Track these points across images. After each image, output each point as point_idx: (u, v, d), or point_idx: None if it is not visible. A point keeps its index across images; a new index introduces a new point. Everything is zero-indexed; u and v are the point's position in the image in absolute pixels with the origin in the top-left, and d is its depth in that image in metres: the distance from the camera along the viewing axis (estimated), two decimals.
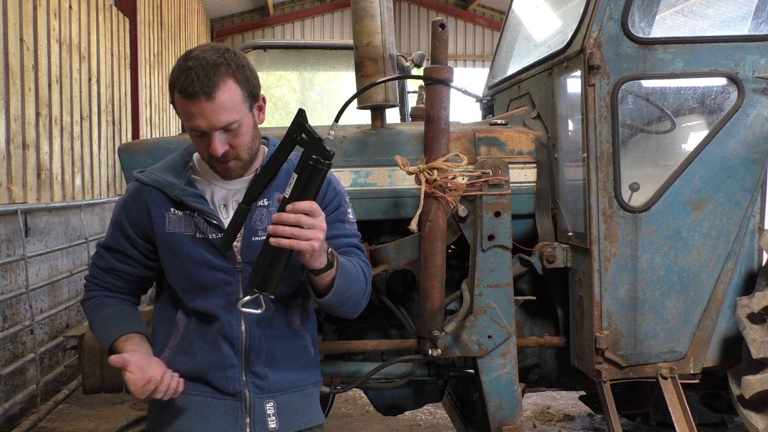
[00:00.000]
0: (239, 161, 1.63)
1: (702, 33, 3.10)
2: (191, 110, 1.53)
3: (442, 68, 2.28)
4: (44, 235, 5.01)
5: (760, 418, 2.40)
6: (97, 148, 6.69)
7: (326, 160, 1.45)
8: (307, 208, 1.43)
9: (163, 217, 1.66)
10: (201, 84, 1.50)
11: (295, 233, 1.42)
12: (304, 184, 1.44)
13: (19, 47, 4.80)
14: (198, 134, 1.57)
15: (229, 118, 1.54)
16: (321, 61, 5.31)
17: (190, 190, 1.67)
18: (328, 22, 16.89)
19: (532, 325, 2.77)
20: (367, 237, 2.66)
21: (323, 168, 1.45)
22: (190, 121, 1.55)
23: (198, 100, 1.51)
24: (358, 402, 4.57)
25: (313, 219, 1.43)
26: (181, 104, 1.55)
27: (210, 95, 1.51)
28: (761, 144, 2.46)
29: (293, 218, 1.42)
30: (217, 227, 1.64)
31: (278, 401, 1.71)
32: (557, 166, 2.63)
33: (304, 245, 1.43)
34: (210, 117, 1.53)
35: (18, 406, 4.35)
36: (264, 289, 1.48)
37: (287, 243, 1.42)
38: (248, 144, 1.62)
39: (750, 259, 2.55)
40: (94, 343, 2.44)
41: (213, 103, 1.52)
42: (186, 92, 1.51)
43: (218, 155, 1.56)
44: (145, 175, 1.71)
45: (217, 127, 1.54)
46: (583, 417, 4.29)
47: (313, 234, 1.43)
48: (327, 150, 1.45)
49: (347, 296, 1.65)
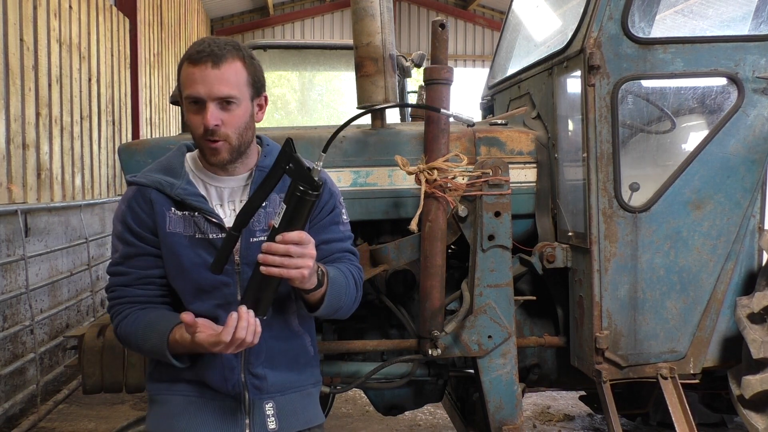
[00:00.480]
0: (227, 144, 1.61)
1: (702, 33, 3.10)
2: (194, 75, 1.56)
3: (442, 68, 2.29)
4: (44, 235, 5.01)
5: (760, 418, 2.40)
6: (97, 148, 6.69)
7: (314, 191, 1.47)
8: (296, 239, 1.46)
9: (164, 216, 1.66)
10: (211, 53, 1.55)
11: (285, 263, 1.45)
12: (291, 213, 1.47)
13: (19, 47, 4.80)
14: (194, 105, 1.58)
15: (229, 91, 1.57)
16: (321, 61, 5.32)
17: (191, 189, 1.67)
18: (328, 22, 16.89)
19: (532, 325, 2.77)
20: (367, 237, 2.67)
21: (310, 199, 1.47)
22: (190, 88, 1.56)
23: (204, 65, 1.55)
24: (358, 402, 4.57)
25: (302, 248, 1.46)
26: (186, 73, 1.57)
27: (217, 64, 1.55)
28: (761, 144, 2.46)
29: (282, 249, 1.45)
30: (218, 226, 1.64)
31: (277, 402, 1.71)
32: (557, 166, 2.63)
33: (294, 273, 1.46)
34: (211, 84, 1.55)
35: (18, 406, 4.36)
36: (256, 312, 1.51)
37: (277, 272, 1.46)
38: (240, 129, 1.62)
39: (750, 259, 2.56)
40: (94, 343, 2.44)
41: (217, 71, 1.55)
42: (193, 58, 1.56)
43: (210, 126, 1.56)
44: (141, 177, 1.70)
45: (215, 95, 1.56)
46: (583, 417, 4.29)
47: (303, 262, 1.46)
48: (315, 180, 1.47)
49: (338, 307, 1.69)
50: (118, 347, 2.43)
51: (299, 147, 2.47)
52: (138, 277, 1.69)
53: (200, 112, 1.57)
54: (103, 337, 2.45)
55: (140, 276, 1.69)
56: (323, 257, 1.72)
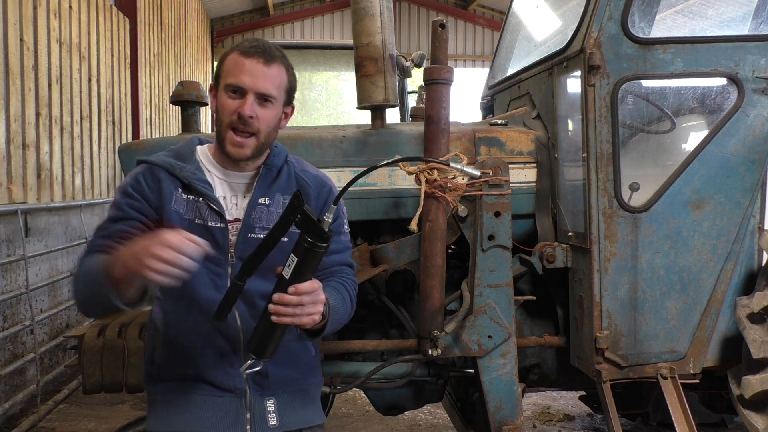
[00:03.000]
0: (255, 140, 1.65)
1: (702, 33, 3.10)
2: (244, 65, 1.61)
3: (442, 68, 2.29)
4: (44, 235, 5.01)
5: (760, 418, 2.40)
6: (97, 148, 6.69)
7: (323, 243, 1.46)
8: (308, 289, 1.46)
9: (171, 194, 1.67)
10: (264, 50, 1.64)
11: (297, 312, 1.45)
12: (300, 264, 1.47)
13: (19, 47, 4.80)
14: (234, 93, 1.62)
15: (271, 90, 1.64)
16: (321, 61, 5.33)
17: (199, 174, 1.69)
18: (328, 22, 16.88)
19: (532, 325, 2.77)
20: (367, 237, 2.67)
21: (319, 251, 1.47)
22: (236, 76, 1.61)
23: (256, 59, 1.62)
24: (358, 402, 4.57)
25: (314, 297, 1.47)
26: (234, 62, 1.63)
27: (268, 62, 1.63)
28: (761, 144, 2.46)
29: (295, 300, 1.45)
30: (219, 215, 1.65)
31: (279, 399, 1.72)
32: (557, 166, 2.63)
33: (306, 320, 1.48)
34: (258, 78, 1.61)
35: (18, 406, 4.36)
36: (262, 355, 1.53)
37: (289, 321, 1.46)
38: (270, 128, 1.67)
39: (750, 259, 2.56)
40: (94, 343, 2.44)
41: (267, 68, 1.63)
42: (247, 51, 1.63)
43: (245, 114, 1.60)
44: (153, 157, 1.72)
45: (258, 90, 1.62)
46: (583, 417, 4.28)
47: (314, 309, 1.48)
48: (324, 232, 1.46)
49: (335, 329, 1.71)
50: (118, 347, 2.43)
51: (299, 147, 2.49)
52: (116, 229, 1.61)
53: (238, 98, 1.62)
54: (103, 337, 2.46)
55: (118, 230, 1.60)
56: (322, 269, 1.73)
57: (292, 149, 1.91)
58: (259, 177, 1.72)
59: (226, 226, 1.66)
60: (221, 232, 1.66)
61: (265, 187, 1.72)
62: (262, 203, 1.69)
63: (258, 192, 1.70)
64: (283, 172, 1.75)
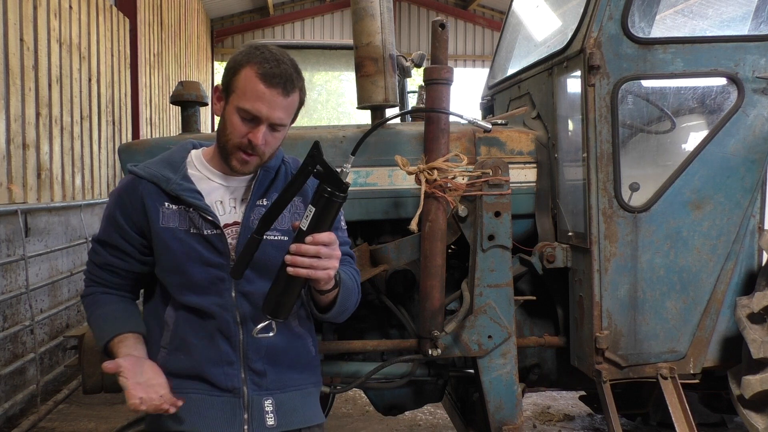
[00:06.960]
0: (260, 160, 1.66)
1: (702, 33, 3.10)
2: (263, 94, 1.57)
3: (442, 68, 2.28)
4: (44, 235, 5.01)
5: (760, 418, 2.40)
6: (97, 148, 6.69)
7: (341, 192, 1.47)
8: (326, 240, 1.47)
9: (157, 211, 1.67)
10: (286, 80, 1.58)
11: (314, 264, 1.46)
12: (319, 215, 1.47)
13: (19, 47, 4.80)
14: (248, 118, 1.60)
15: (285, 119, 1.63)
16: (321, 61, 5.32)
17: (186, 185, 1.67)
18: (328, 22, 16.89)
19: (532, 325, 2.77)
20: (367, 237, 2.67)
21: (338, 201, 1.48)
22: (253, 104, 1.58)
23: (276, 89, 1.57)
24: (358, 402, 4.57)
25: (331, 249, 1.48)
26: (252, 83, 1.57)
27: (287, 93, 1.59)
28: (761, 144, 2.46)
29: (313, 250, 1.46)
30: (212, 223, 1.65)
31: (277, 399, 1.71)
32: (557, 166, 2.63)
33: (322, 274, 1.48)
34: (275, 109, 1.59)
35: (18, 406, 4.36)
36: (277, 315, 1.52)
37: (305, 273, 1.47)
38: (275, 148, 1.69)
39: (750, 259, 2.55)
40: (94, 343, 2.43)
41: (285, 100, 1.59)
42: (270, 78, 1.56)
43: (258, 143, 1.60)
44: (140, 169, 1.72)
45: (273, 120, 1.60)
46: (583, 417, 4.29)
47: (330, 263, 1.49)
48: (342, 182, 1.48)
49: (345, 308, 1.72)
50: None
51: (299, 147, 2.49)
52: (106, 263, 1.76)
53: (251, 124, 1.60)
54: None
55: (108, 262, 1.75)
56: None
57: (292, 149, 1.91)
58: (257, 179, 1.72)
59: (222, 233, 1.66)
60: (218, 238, 1.66)
61: (263, 189, 1.72)
62: (260, 205, 1.70)
63: (256, 194, 1.71)
64: (281, 172, 1.76)
